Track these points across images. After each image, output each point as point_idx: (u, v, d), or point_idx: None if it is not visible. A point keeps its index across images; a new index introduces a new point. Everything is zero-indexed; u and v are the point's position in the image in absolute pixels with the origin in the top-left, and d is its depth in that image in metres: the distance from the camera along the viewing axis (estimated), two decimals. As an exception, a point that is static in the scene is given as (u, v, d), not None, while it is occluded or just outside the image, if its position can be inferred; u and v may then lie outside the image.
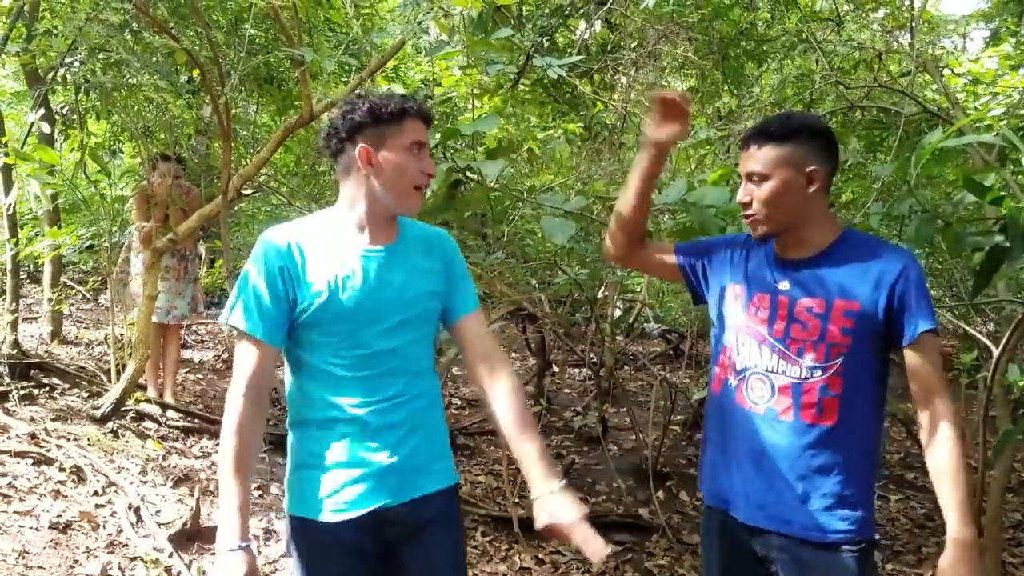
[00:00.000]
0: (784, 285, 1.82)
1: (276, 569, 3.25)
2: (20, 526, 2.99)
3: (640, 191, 1.95)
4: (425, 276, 1.84)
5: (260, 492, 3.89)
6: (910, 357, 1.74)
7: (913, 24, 5.01)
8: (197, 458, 4.11)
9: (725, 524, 1.89)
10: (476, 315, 1.91)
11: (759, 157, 1.77)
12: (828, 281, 1.77)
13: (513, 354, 7.19)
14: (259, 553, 3.32)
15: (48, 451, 3.58)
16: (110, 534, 3.13)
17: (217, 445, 4.68)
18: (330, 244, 1.79)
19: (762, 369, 1.81)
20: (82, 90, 4.85)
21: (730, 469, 1.87)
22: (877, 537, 1.81)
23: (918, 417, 1.74)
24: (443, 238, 1.95)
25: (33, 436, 3.66)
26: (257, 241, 1.81)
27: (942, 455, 1.68)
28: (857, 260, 1.77)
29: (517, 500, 4.05)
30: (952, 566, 1.65)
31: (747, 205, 1.81)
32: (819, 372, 1.75)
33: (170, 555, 3.04)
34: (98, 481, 3.46)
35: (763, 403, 1.81)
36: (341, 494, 1.75)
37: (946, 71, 5.71)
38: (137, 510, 3.30)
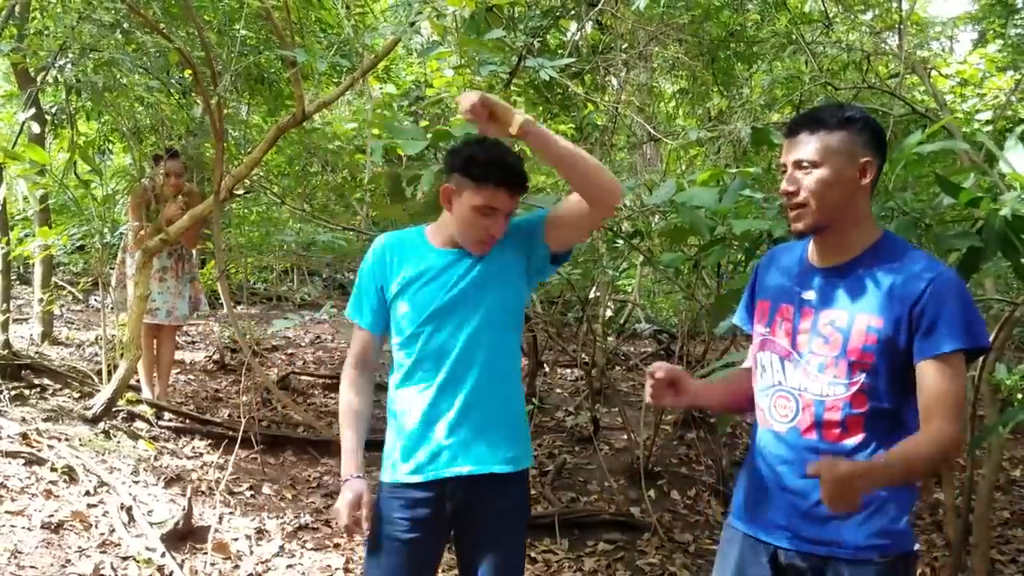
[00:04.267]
0: (810, 295, 1.73)
1: (269, 568, 3.25)
2: (12, 526, 2.99)
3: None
4: (505, 269, 2.00)
5: (252, 492, 3.89)
6: (921, 373, 1.59)
7: (901, 26, 5.05)
8: (189, 458, 4.11)
9: (746, 543, 1.79)
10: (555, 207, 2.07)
11: (810, 144, 1.65)
12: (853, 292, 1.67)
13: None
14: (251, 553, 3.32)
15: (39, 451, 3.57)
16: (102, 534, 3.14)
17: (209, 446, 4.71)
18: (422, 246, 2.04)
19: (788, 386, 1.72)
20: (73, 90, 4.84)
21: (757, 491, 1.78)
22: (916, 548, 1.69)
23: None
24: (525, 221, 2.06)
25: (24, 436, 3.66)
26: None
27: (909, 441, 1.58)
28: (885, 270, 1.65)
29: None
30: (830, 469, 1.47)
31: (792, 194, 1.67)
32: (841, 389, 1.65)
33: (162, 555, 3.04)
34: (90, 481, 3.46)
35: (786, 422, 1.72)
36: (406, 463, 2.00)
37: (934, 72, 5.76)
38: (129, 510, 3.30)
